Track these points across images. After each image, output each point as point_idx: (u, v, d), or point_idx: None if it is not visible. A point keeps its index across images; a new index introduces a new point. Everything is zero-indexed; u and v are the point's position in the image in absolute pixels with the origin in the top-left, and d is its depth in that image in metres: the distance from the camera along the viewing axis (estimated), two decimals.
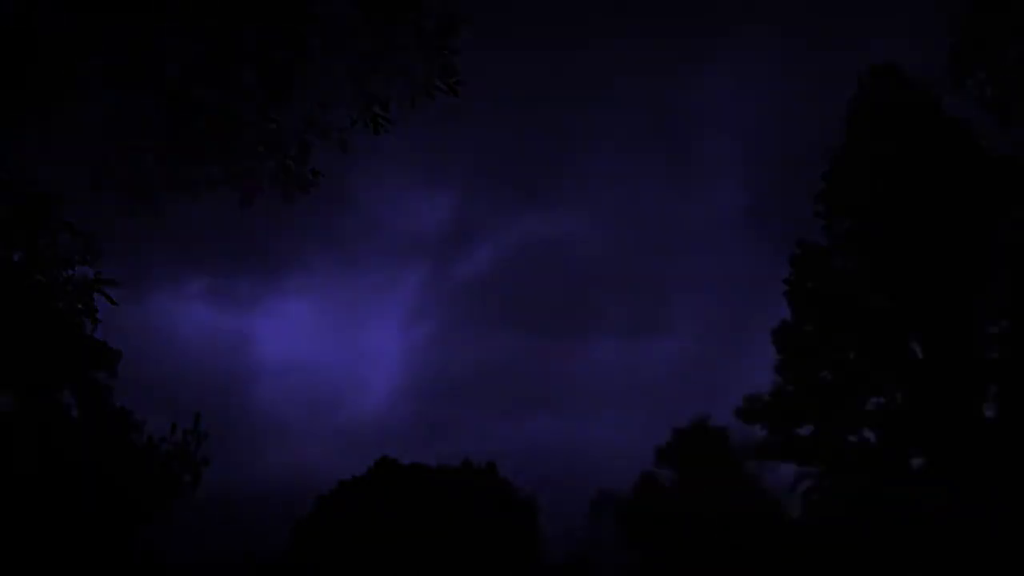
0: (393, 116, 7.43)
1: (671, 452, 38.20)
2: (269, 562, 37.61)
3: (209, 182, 7.51)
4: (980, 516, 20.29)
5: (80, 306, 8.37)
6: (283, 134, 7.60)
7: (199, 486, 28.36)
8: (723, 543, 31.67)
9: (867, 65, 25.02)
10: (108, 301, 8.30)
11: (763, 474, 33.53)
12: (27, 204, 8.51)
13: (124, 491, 24.12)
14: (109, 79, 7.29)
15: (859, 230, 24.08)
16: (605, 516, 39.56)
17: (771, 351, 24.89)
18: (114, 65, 7.24)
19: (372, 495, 38.67)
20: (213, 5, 7.39)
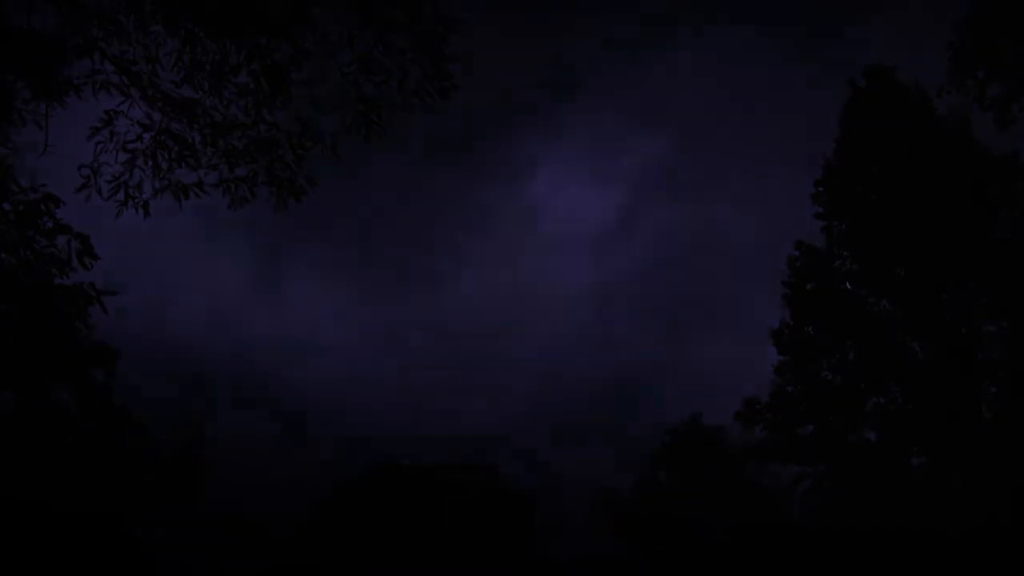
0: (386, 121, 7.43)
1: (670, 452, 38.24)
2: (269, 561, 37.63)
3: (201, 186, 7.51)
4: (979, 516, 20.28)
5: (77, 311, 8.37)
6: (277, 138, 7.59)
7: (200, 490, 28.35)
8: (722, 543, 31.68)
9: (860, 67, 25.04)
10: (103, 310, 8.30)
11: (763, 474, 33.56)
12: (25, 206, 8.49)
13: (125, 491, 24.12)
14: (102, 80, 7.30)
15: (857, 231, 24.07)
16: (605, 516, 39.59)
17: (770, 352, 24.91)
18: (107, 67, 7.25)
19: (372, 495, 38.70)
20: (210, 5, 7.37)
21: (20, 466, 21.12)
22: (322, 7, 7.54)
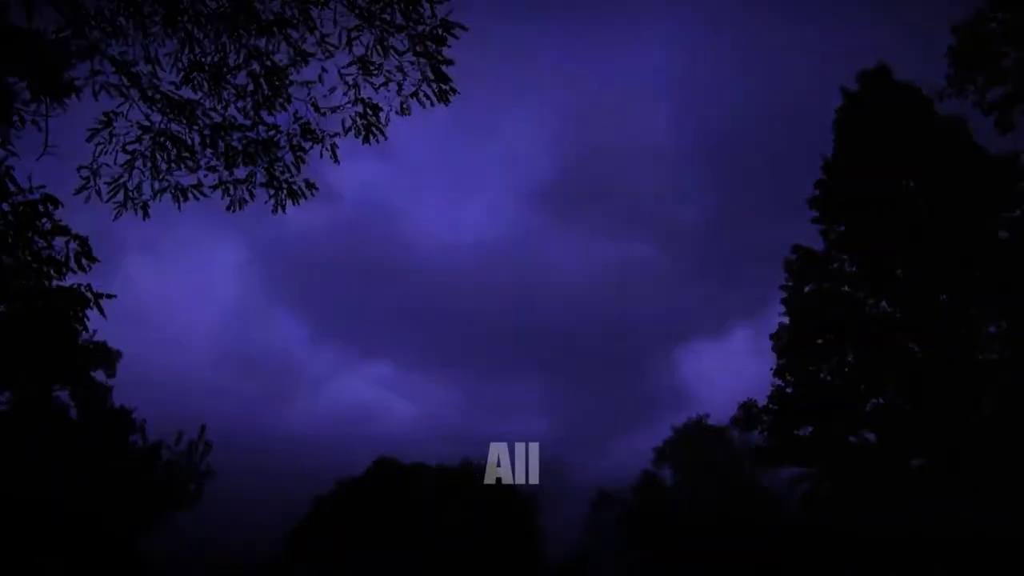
0: (383, 123, 7.43)
1: (670, 452, 38.25)
2: (268, 562, 37.63)
3: (200, 188, 7.52)
4: (979, 516, 20.26)
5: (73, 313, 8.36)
6: (276, 140, 7.59)
7: (202, 496, 28.28)
8: (722, 543, 31.67)
9: (858, 67, 24.99)
10: (100, 313, 8.29)
11: (763, 474, 33.55)
12: (24, 207, 8.49)
13: (125, 497, 24.10)
14: (102, 81, 7.30)
15: (855, 233, 24.04)
16: (605, 516, 39.61)
17: (767, 353, 24.90)
18: (107, 67, 7.25)
19: (370, 495, 38.69)
20: (210, 6, 7.38)
21: (19, 466, 21.12)
22: (321, 8, 7.54)
